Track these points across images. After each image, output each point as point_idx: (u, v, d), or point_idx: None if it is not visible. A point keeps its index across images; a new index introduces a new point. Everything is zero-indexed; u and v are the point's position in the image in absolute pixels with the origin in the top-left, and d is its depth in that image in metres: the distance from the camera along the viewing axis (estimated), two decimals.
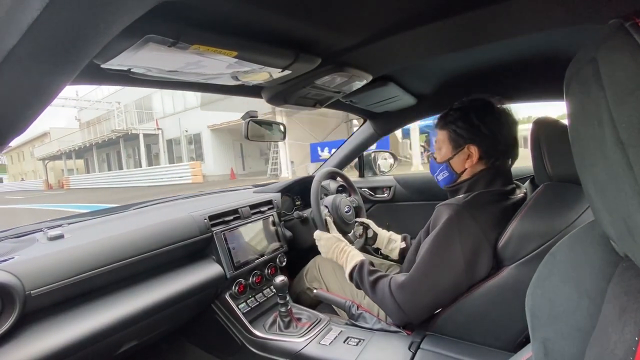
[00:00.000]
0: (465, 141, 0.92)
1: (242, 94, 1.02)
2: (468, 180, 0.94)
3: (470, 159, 0.92)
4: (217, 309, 1.06)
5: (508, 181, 0.94)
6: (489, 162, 0.92)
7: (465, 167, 0.94)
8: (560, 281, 0.38)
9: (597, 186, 0.29)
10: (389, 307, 0.89)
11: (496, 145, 0.91)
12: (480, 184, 0.92)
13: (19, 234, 0.90)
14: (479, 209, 0.85)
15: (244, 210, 1.19)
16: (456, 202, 0.88)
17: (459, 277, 0.83)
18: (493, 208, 0.86)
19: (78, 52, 0.36)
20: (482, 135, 0.90)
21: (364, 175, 1.83)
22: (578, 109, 0.30)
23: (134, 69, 0.61)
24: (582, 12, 0.63)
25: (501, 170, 0.93)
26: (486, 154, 0.91)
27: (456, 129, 0.93)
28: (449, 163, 0.96)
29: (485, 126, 0.89)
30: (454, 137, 0.94)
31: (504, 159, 0.94)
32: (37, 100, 0.39)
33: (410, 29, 0.70)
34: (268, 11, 0.57)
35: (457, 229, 0.83)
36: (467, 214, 0.84)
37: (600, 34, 0.26)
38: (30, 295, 0.64)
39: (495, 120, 0.90)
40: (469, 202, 0.87)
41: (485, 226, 0.83)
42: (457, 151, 0.94)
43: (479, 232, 0.83)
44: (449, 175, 0.97)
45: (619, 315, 0.28)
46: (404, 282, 0.87)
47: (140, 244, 0.86)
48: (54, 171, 27.21)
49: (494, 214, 0.85)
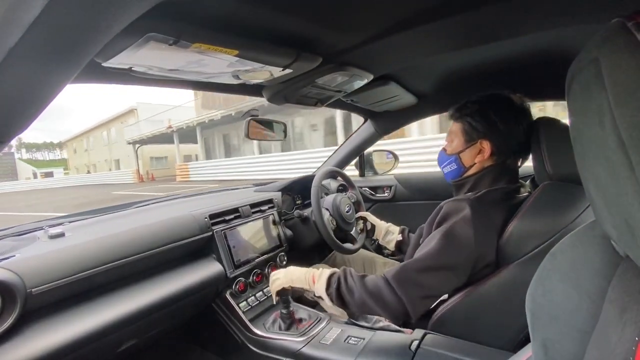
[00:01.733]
0: (479, 135, 0.89)
1: (243, 93, 1.02)
2: (474, 176, 0.92)
3: (481, 154, 0.90)
4: (217, 308, 1.07)
5: (514, 179, 0.93)
6: (500, 159, 0.90)
7: (475, 162, 0.91)
8: (560, 281, 0.38)
9: (598, 186, 0.29)
10: (387, 300, 0.80)
11: (509, 143, 0.89)
12: (485, 180, 0.90)
13: (19, 232, 0.90)
14: (492, 205, 0.85)
15: (244, 209, 1.19)
16: (468, 198, 0.86)
17: (466, 271, 0.82)
18: (502, 206, 0.86)
19: (79, 51, 0.36)
20: (498, 132, 0.87)
21: (364, 175, 1.82)
22: (579, 109, 0.30)
23: (135, 67, 0.61)
24: (583, 12, 0.63)
25: (509, 168, 0.92)
26: (498, 151, 0.89)
27: (472, 122, 0.90)
28: (458, 156, 0.94)
29: (502, 123, 0.87)
30: (468, 131, 0.91)
31: (515, 158, 0.92)
32: (38, 98, 0.39)
33: (411, 28, 0.70)
34: (269, 10, 0.57)
35: (472, 224, 0.81)
36: (482, 210, 0.83)
37: (602, 34, 0.26)
38: (31, 293, 0.64)
39: (513, 117, 0.88)
40: (481, 199, 0.85)
41: (496, 223, 0.83)
42: (469, 145, 0.91)
43: (492, 228, 0.82)
44: (456, 168, 0.95)
45: (619, 316, 0.28)
46: (403, 271, 0.81)
47: (141, 243, 0.86)
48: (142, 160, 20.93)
49: (503, 211, 0.85)
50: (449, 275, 0.81)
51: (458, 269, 0.81)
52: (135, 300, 0.81)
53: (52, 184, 26.30)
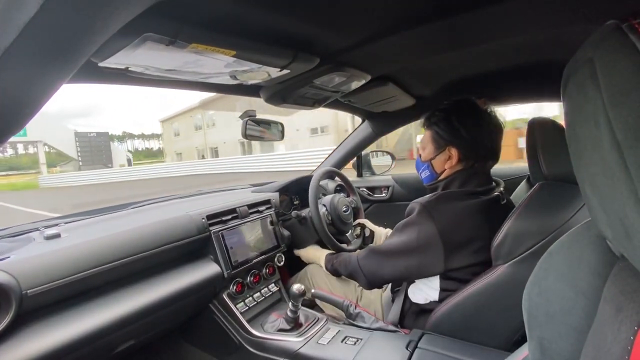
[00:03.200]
0: (446, 143, 0.94)
1: (241, 93, 1.02)
2: (444, 180, 0.97)
3: (450, 160, 0.94)
4: (215, 309, 1.06)
5: (485, 182, 0.96)
6: (468, 164, 0.94)
7: (445, 168, 0.96)
8: (556, 280, 0.38)
9: (593, 186, 0.29)
10: (359, 277, 1.02)
11: (476, 149, 0.92)
12: (454, 184, 0.95)
13: (15, 233, 0.89)
14: (440, 208, 0.89)
15: (241, 209, 1.18)
16: (421, 201, 0.92)
17: (411, 265, 0.91)
18: (454, 207, 0.89)
19: (75, 51, 0.35)
20: (462, 138, 0.92)
21: (362, 175, 1.83)
22: (575, 109, 0.30)
23: (131, 67, 0.60)
24: (579, 13, 0.63)
25: (478, 171, 0.95)
26: (465, 157, 0.93)
27: (438, 130, 0.95)
28: (430, 163, 0.99)
29: (466, 129, 0.91)
30: (436, 138, 0.96)
31: (484, 162, 0.95)
32: (34, 99, 0.39)
33: (409, 29, 0.70)
34: (267, 10, 0.57)
35: (416, 225, 0.90)
36: (427, 213, 0.89)
37: (597, 35, 0.26)
38: (27, 295, 0.64)
39: (477, 123, 0.92)
40: (431, 202, 0.91)
41: (441, 225, 0.86)
42: (439, 152, 0.96)
43: (434, 230, 0.86)
44: (430, 174, 1.01)
45: (615, 315, 0.29)
46: (367, 258, 1.01)
47: (138, 243, 0.86)
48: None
49: (454, 212, 0.88)
50: (398, 267, 0.94)
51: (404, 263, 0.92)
52: (132, 301, 0.81)
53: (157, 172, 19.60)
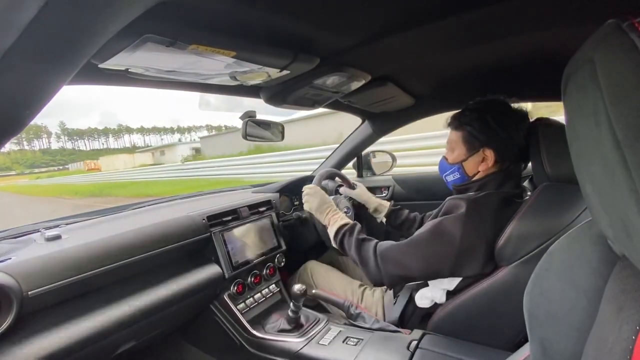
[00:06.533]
0: (481, 144, 0.88)
1: (241, 94, 1.02)
2: (478, 182, 0.91)
3: (485, 162, 0.89)
4: (215, 310, 1.06)
5: (517, 184, 0.92)
6: (503, 165, 0.89)
7: (479, 170, 0.91)
8: (557, 280, 0.38)
9: (594, 186, 0.29)
10: (370, 267, 0.90)
11: (512, 149, 0.88)
12: (489, 186, 0.89)
13: (16, 235, 0.89)
14: (489, 209, 0.84)
15: (242, 210, 1.18)
16: (467, 198, 0.86)
17: (443, 266, 0.84)
18: (501, 210, 0.85)
19: (75, 52, 0.35)
20: (499, 139, 0.86)
21: (362, 175, 1.83)
22: (576, 109, 0.30)
23: (131, 68, 0.60)
24: (579, 13, 0.63)
25: (513, 173, 0.91)
26: (501, 158, 0.88)
27: (472, 130, 0.89)
28: (461, 165, 0.93)
29: (503, 129, 0.86)
30: (469, 139, 0.90)
31: (518, 163, 0.92)
32: (34, 100, 0.39)
33: (409, 29, 0.70)
34: (266, 11, 0.57)
35: (462, 223, 0.82)
36: (477, 212, 0.83)
37: (598, 35, 0.26)
38: (28, 296, 0.64)
39: (512, 123, 0.87)
40: (480, 201, 0.85)
41: (489, 227, 0.83)
42: (472, 153, 0.90)
43: (482, 231, 0.82)
44: (460, 177, 0.94)
45: (616, 314, 0.28)
46: (391, 249, 0.89)
47: (138, 245, 0.86)
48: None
49: (500, 215, 0.84)
50: (429, 264, 0.85)
51: (437, 260, 0.84)
52: (132, 302, 0.81)
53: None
